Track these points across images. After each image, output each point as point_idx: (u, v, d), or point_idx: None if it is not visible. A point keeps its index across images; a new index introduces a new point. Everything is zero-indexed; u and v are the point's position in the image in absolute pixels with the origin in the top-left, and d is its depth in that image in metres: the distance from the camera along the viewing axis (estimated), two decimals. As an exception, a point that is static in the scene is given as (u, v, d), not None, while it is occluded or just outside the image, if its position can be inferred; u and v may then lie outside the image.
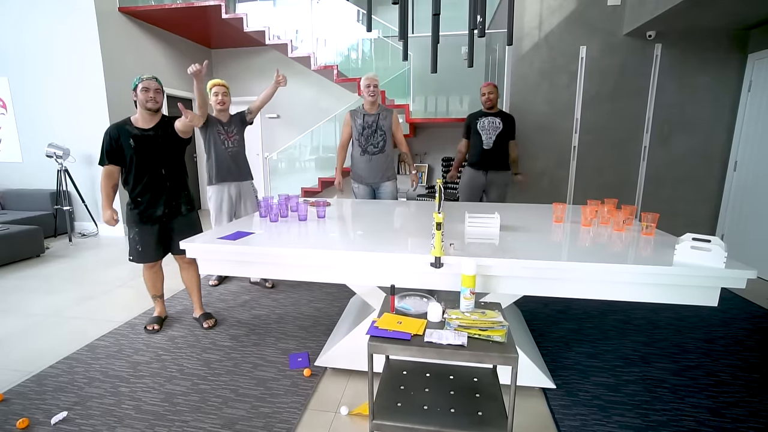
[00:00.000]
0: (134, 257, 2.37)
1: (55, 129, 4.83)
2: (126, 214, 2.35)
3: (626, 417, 1.69)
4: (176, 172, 2.38)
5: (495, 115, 3.46)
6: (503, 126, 3.42)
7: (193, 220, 2.47)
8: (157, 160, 2.28)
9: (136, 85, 2.21)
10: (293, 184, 5.87)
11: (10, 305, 2.87)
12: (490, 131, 3.44)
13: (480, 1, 1.94)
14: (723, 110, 3.73)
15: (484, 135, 3.45)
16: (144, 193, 2.29)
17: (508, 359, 1.14)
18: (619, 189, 3.99)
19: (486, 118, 3.47)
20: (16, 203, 4.89)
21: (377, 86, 3.07)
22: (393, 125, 3.17)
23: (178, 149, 2.38)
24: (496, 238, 1.81)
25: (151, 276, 2.48)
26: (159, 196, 2.32)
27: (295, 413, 1.72)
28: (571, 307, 2.77)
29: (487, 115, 3.49)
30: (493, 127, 3.43)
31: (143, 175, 2.27)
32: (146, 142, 2.25)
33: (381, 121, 3.11)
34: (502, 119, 3.44)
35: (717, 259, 1.41)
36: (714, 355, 2.17)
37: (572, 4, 3.76)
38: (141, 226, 2.32)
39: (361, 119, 3.10)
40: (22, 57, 4.74)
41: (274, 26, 5.20)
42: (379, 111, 3.13)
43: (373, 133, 3.10)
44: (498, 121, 3.43)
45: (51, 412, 1.72)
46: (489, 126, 3.44)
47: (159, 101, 2.26)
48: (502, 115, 3.48)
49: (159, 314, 2.55)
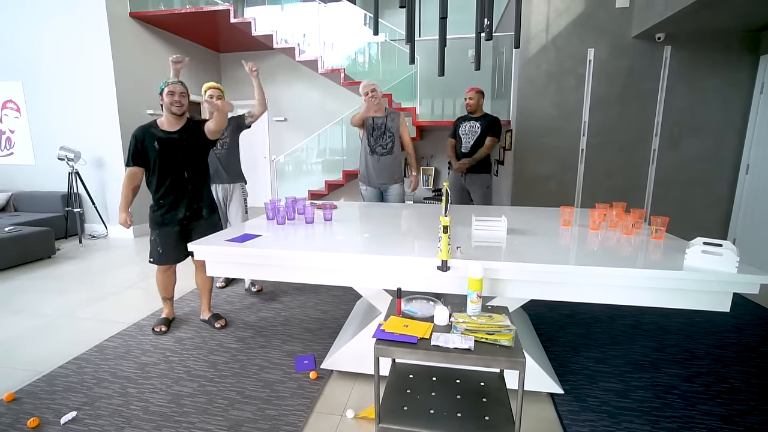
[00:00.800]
0: (154, 259, 2.39)
1: (66, 132, 4.92)
2: (149, 216, 2.38)
3: (636, 424, 1.67)
4: (198, 175, 2.40)
5: (476, 120, 3.55)
6: (481, 130, 3.50)
7: (214, 223, 2.48)
8: (180, 163, 2.30)
9: (162, 89, 2.25)
10: (300, 186, 5.90)
11: (22, 305, 2.91)
12: (469, 135, 3.54)
13: (487, 4, 1.94)
14: (734, 113, 3.68)
15: (464, 139, 3.56)
16: (167, 196, 2.31)
17: (516, 363, 1.13)
18: (628, 192, 3.95)
19: (467, 123, 3.57)
20: (28, 205, 4.97)
21: (376, 90, 3.08)
22: (400, 128, 3.20)
23: (202, 153, 2.41)
24: (503, 242, 1.80)
25: (164, 279, 2.49)
26: (181, 198, 2.34)
27: (301, 416, 1.72)
28: (579, 312, 2.74)
29: (469, 119, 3.58)
30: (473, 131, 3.52)
31: (166, 178, 2.29)
32: (171, 144, 2.27)
33: (389, 123, 3.16)
34: (482, 123, 3.50)
35: (729, 263, 1.39)
36: (726, 362, 2.13)
37: (580, 7, 3.75)
38: (162, 228, 2.34)
39: (371, 120, 3.17)
40: (36, 62, 4.83)
41: (281, 30, 5.26)
42: (387, 113, 3.18)
43: (382, 135, 3.16)
44: (477, 125, 3.51)
45: (61, 412, 1.74)
46: (469, 130, 3.55)
47: (184, 104, 2.30)
48: (485, 118, 3.53)
49: (167, 316, 2.56)
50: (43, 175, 5.11)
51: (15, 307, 2.87)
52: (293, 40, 5.32)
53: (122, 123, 4.77)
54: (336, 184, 5.67)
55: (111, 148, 4.84)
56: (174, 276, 2.54)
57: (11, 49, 4.86)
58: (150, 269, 3.70)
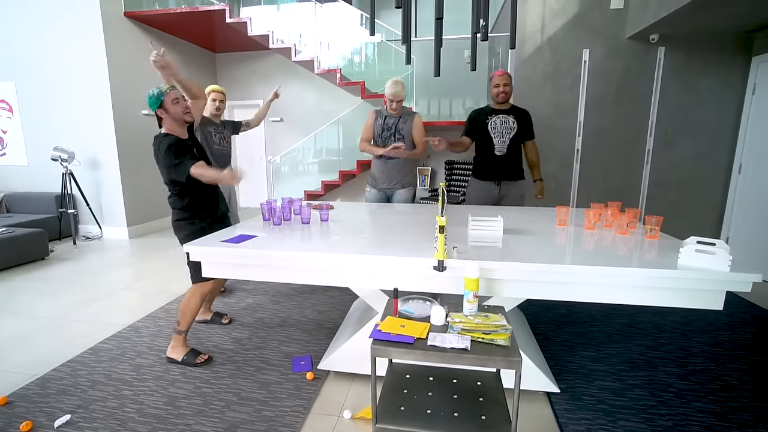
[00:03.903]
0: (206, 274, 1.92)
1: (60, 133, 4.88)
2: (187, 232, 2.08)
3: (632, 422, 1.68)
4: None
5: (508, 113, 2.83)
6: (518, 126, 2.81)
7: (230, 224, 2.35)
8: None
9: (162, 99, 1.97)
10: (296, 187, 5.89)
11: (15, 308, 2.88)
12: (503, 133, 2.81)
13: (483, 5, 1.95)
14: (727, 113, 3.72)
15: (497, 138, 2.81)
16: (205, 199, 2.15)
17: (512, 363, 1.14)
18: (623, 192, 3.97)
19: (498, 117, 2.82)
20: (21, 206, 4.92)
21: (401, 102, 2.83)
22: (413, 129, 2.91)
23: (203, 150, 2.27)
24: (499, 242, 1.80)
25: (205, 293, 2.18)
26: (216, 195, 2.22)
27: (298, 417, 1.71)
28: (575, 311, 2.75)
29: (499, 112, 2.83)
30: (507, 128, 2.80)
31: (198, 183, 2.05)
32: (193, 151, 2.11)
33: (401, 124, 2.91)
34: (516, 118, 2.82)
35: (722, 262, 1.40)
36: (720, 360, 2.15)
37: (575, 8, 3.77)
38: (211, 232, 2.10)
39: (383, 120, 2.95)
40: (29, 62, 4.79)
41: (277, 30, 5.24)
42: (401, 114, 2.92)
43: (390, 136, 2.93)
44: (512, 120, 2.80)
45: (54, 415, 1.72)
46: (502, 127, 2.81)
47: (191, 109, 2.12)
48: (516, 111, 2.85)
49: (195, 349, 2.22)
50: (36, 175, 5.06)
51: (8, 310, 2.85)
52: (289, 40, 5.30)
53: (117, 123, 4.74)
54: (332, 184, 5.66)
55: (106, 148, 4.80)
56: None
57: (4, 48, 4.81)
58: (145, 270, 3.68)
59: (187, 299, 2.13)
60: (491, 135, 2.82)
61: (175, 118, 2.02)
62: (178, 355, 2.12)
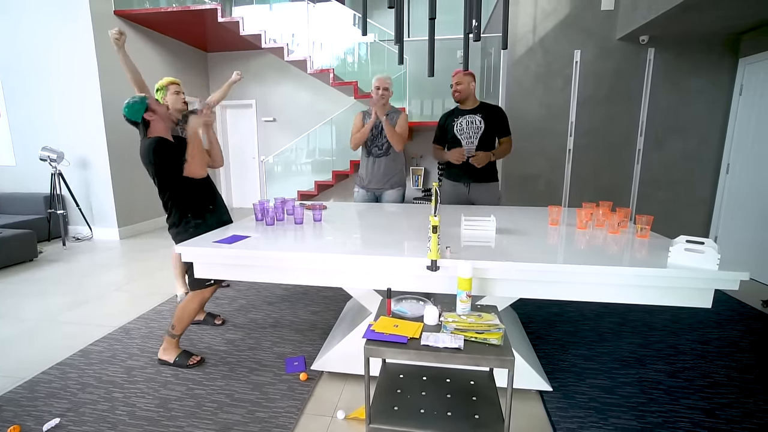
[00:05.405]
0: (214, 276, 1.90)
1: (49, 132, 4.80)
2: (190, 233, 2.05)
3: (622, 419, 1.69)
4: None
5: (474, 112, 2.77)
6: (485, 125, 2.74)
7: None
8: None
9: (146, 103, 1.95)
10: (289, 187, 5.87)
11: (3, 310, 2.83)
12: (470, 134, 2.76)
13: (475, 6, 1.95)
14: (716, 113, 3.77)
15: (464, 139, 2.77)
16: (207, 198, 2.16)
17: (505, 362, 1.14)
18: (614, 192, 4.02)
19: (464, 118, 2.78)
20: (9, 207, 4.84)
21: (388, 89, 2.83)
22: (398, 121, 2.87)
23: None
24: (492, 241, 1.81)
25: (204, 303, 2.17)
26: (215, 194, 2.21)
27: (292, 418, 1.71)
28: (567, 310, 2.78)
29: (465, 113, 2.79)
30: (474, 128, 2.75)
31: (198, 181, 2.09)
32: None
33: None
34: (483, 116, 2.75)
35: (710, 261, 1.42)
36: (709, 357, 2.19)
37: (566, 9, 3.80)
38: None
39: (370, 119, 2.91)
40: (16, 59, 4.71)
41: (270, 30, 5.22)
42: (389, 112, 2.88)
43: (379, 134, 2.91)
44: (479, 119, 2.74)
45: (43, 419, 1.70)
46: (468, 127, 2.76)
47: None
48: (484, 109, 2.78)
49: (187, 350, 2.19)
50: (24, 176, 4.98)
51: (-5, 312, 2.80)
52: (282, 39, 5.29)
53: (107, 123, 4.68)
54: (326, 184, 5.65)
55: (96, 148, 4.74)
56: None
57: (-10, 46, 4.73)
58: (136, 271, 3.64)
59: (185, 304, 2.10)
60: (458, 136, 2.80)
61: (163, 118, 2.02)
62: (170, 356, 2.10)
